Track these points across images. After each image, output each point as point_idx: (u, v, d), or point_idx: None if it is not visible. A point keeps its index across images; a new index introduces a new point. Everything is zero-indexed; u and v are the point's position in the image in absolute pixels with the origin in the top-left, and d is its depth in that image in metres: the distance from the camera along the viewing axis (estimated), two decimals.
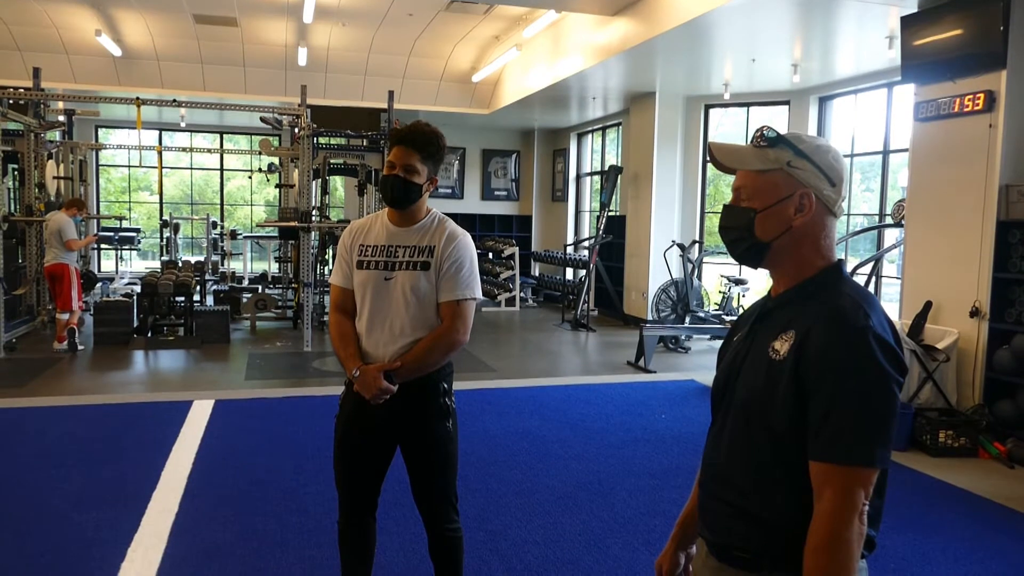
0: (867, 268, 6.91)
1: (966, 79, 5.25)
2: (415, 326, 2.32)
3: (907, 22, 5.59)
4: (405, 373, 2.29)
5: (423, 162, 2.31)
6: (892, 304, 6.98)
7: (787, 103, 9.26)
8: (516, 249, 12.11)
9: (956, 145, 5.40)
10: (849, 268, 1.38)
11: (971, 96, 5.21)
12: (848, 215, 8.68)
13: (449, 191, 14.28)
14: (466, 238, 2.40)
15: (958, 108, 5.32)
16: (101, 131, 14.46)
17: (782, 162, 1.32)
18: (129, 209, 15.89)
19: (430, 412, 2.36)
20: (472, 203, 14.46)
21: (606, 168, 11.36)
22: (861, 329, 1.21)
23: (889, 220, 7.23)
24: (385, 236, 2.37)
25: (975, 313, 5.23)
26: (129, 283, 12.05)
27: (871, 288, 6.77)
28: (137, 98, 8.34)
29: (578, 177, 13.72)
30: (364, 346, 2.36)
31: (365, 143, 9.84)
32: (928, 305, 5.56)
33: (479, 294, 2.42)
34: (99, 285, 10.10)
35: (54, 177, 9.33)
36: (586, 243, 11.63)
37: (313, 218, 8.61)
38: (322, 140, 9.81)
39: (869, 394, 1.20)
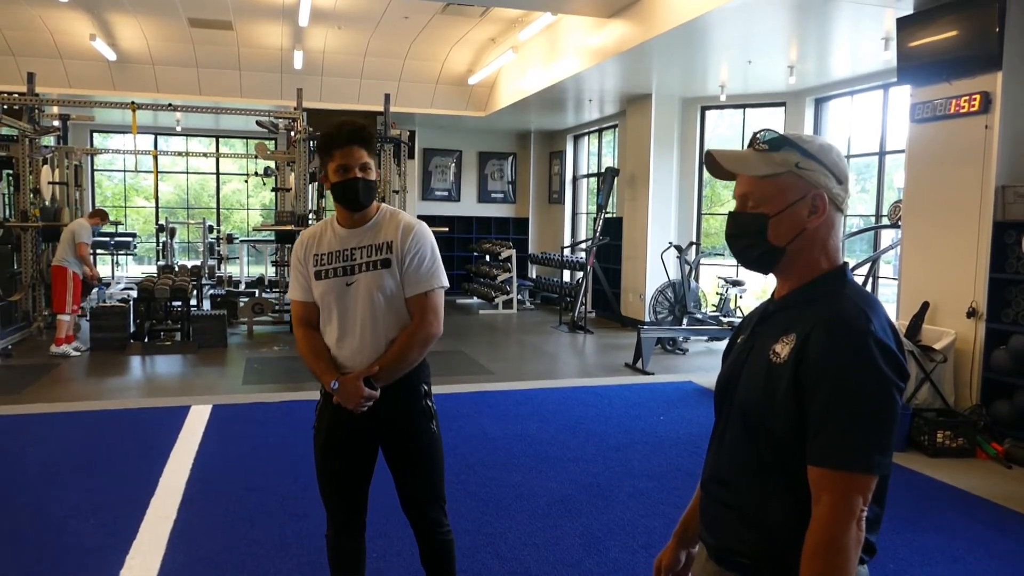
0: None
1: (962, 80, 5.26)
2: (387, 327, 2.26)
3: (903, 24, 5.60)
4: (385, 376, 2.24)
5: (370, 157, 2.27)
6: (889, 305, 6.98)
7: (783, 105, 9.28)
8: (513, 251, 12.10)
9: (952, 146, 5.41)
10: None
11: (967, 97, 5.22)
12: (844, 216, 8.69)
13: (445, 194, 14.28)
14: (423, 227, 2.34)
15: (954, 109, 5.33)
16: (96, 136, 14.43)
17: (790, 164, 1.30)
18: (125, 215, 15.84)
19: (413, 415, 2.32)
20: (469, 205, 14.46)
21: (603, 170, 11.37)
22: (862, 333, 1.20)
23: (886, 221, 7.24)
24: (338, 241, 2.29)
25: (972, 314, 5.24)
26: (125, 288, 12.01)
27: (868, 289, 6.78)
28: (132, 102, 8.34)
29: (575, 179, 13.72)
30: (338, 357, 2.29)
31: None
32: (925, 306, 5.57)
33: (446, 282, 2.36)
34: (95, 291, 10.07)
35: (49, 182, 9.30)
36: (583, 245, 11.64)
37: (309, 221, 8.60)
38: None
39: (869, 399, 1.18)
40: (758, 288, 9.23)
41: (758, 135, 1.34)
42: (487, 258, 12.88)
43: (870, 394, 1.18)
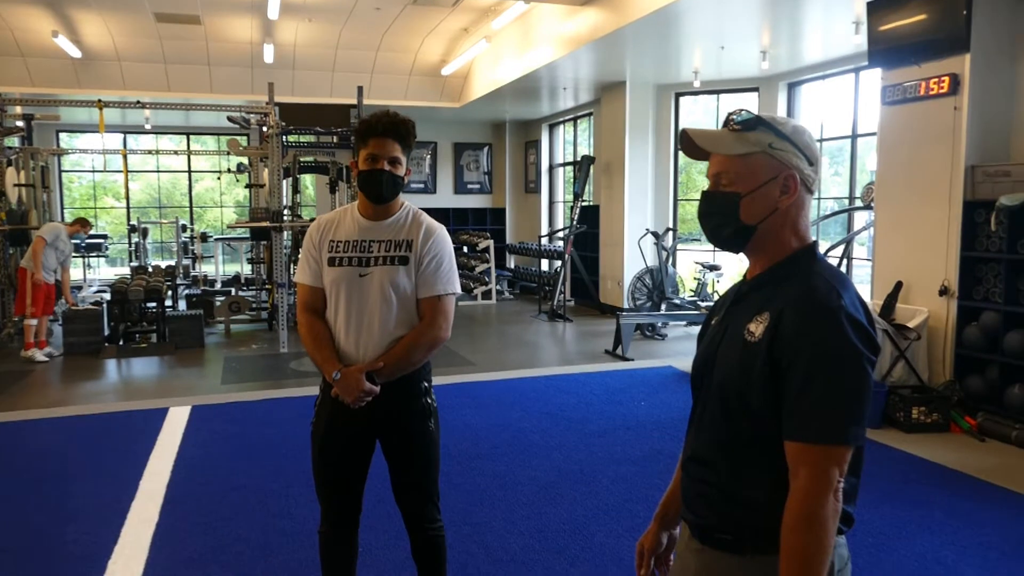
0: (838, 251, 7.01)
1: (931, 63, 5.33)
2: (396, 323, 2.25)
3: (873, 7, 5.66)
4: (388, 373, 2.22)
5: (403, 152, 2.26)
6: (863, 285, 7.09)
7: (756, 90, 9.34)
8: (491, 242, 12.09)
9: (922, 128, 5.48)
10: (821, 251, 1.40)
11: (936, 79, 5.29)
12: (818, 199, 8.79)
13: (421, 186, 14.21)
14: (443, 232, 2.35)
15: (924, 91, 5.40)
16: (63, 136, 14.15)
17: (764, 144, 1.32)
18: (95, 216, 15.58)
19: (412, 413, 2.31)
20: (445, 197, 14.41)
21: (578, 158, 11.38)
22: (833, 309, 1.23)
23: (859, 203, 7.33)
24: (357, 231, 2.29)
25: (944, 292, 5.33)
26: (98, 291, 11.83)
27: (842, 270, 6.87)
28: (99, 100, 8.17)
29: (551, 168, 13.72)
30: (341, 347, 2.27)
31: (335, 140, 9.75)
32: (899, 285, 5.65)
33: (459, 288, 2.38)
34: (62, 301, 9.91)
35: (14, 185, 9.10)
36: (560, 234, 11.65)
37: (285, 217, 8.52)
38: (291, 138, 9.70)
39: (842, 373, 1.21)
40: (735, 272, 9.31)
41: (733, 115, 1.36)
42: (465, 249, 12.85)
43: (843, 368, 1.21)
